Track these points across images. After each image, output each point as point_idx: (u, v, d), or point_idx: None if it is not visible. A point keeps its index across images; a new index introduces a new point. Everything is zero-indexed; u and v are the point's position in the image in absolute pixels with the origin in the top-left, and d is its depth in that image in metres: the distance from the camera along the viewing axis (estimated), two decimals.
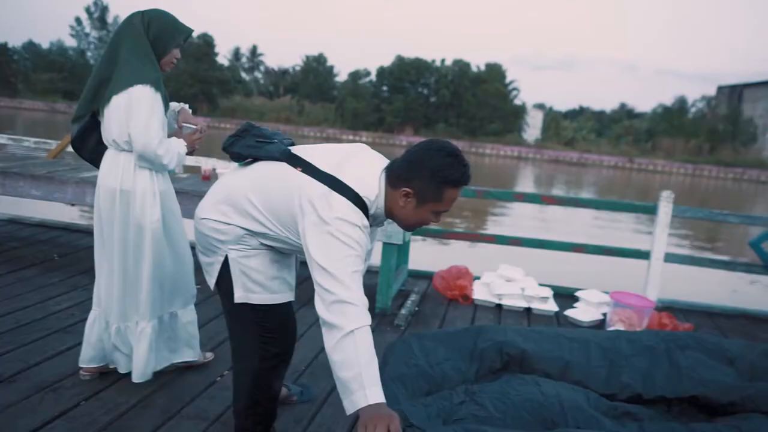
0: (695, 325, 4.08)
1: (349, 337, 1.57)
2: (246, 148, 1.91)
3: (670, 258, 4.52)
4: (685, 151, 64.48)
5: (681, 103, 78.36)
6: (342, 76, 77.52)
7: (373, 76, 72.23)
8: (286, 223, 1.79)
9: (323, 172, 1.74)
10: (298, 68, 77.47)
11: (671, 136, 67.15)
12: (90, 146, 2.53)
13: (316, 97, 72.09)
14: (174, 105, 2.61)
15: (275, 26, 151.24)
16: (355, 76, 72.04)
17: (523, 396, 2.13)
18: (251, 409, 2.05)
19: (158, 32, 2.37)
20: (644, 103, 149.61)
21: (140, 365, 2.48)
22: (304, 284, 3.39)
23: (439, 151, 1.70)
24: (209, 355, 2.87)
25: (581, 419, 2.09)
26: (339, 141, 58.19)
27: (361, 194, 1.71)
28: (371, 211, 1.76)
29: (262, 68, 79.54)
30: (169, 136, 2.50)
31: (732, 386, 2.48)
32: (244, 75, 76.72)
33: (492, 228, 11.98)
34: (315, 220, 1.66)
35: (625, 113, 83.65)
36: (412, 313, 3.87)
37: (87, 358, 2.56)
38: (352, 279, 1.64)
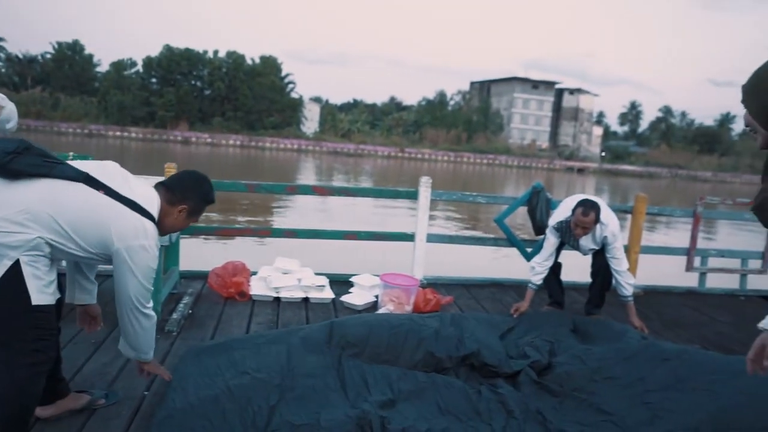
0: (455, 297, 4.51)
1: (151, 337, 2.24)
2: (33, 167, 1.91)
3: (432, 238, 4.93)
4: (447, 140, 71.37)
5: (441, 97, 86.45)
6: (104, 67, 71.11)
7: (140, 67, 67.29)
8: (93, 244, 1.97)
9: (124, 196, 2.00)
10: (48, 56, 68.92)
11: (435, 127, 73.77)
12: None
13: (74, 90, 64.97)
14: None
15: (16, 7, 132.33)
16: (119, 66, 66.50)
17: (337, 415, 2.32)
18: (12, 424, 1.94)
19: None
20: (411, 96, 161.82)
21: None
22: None
23: (203, 180, 2.32)
24: None
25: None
26: (105, 138, 53.12)
27: (155, 216, 2.09)
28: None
29: (2, 55, 69.23)
30: None
31: (499, 349, 3.08)
32: None
33: (277, 223, 11.96)
34: (134, 245, 1.99)
35: (395, 106, 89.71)
36: (185, 317, 3.67)
37: None
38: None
